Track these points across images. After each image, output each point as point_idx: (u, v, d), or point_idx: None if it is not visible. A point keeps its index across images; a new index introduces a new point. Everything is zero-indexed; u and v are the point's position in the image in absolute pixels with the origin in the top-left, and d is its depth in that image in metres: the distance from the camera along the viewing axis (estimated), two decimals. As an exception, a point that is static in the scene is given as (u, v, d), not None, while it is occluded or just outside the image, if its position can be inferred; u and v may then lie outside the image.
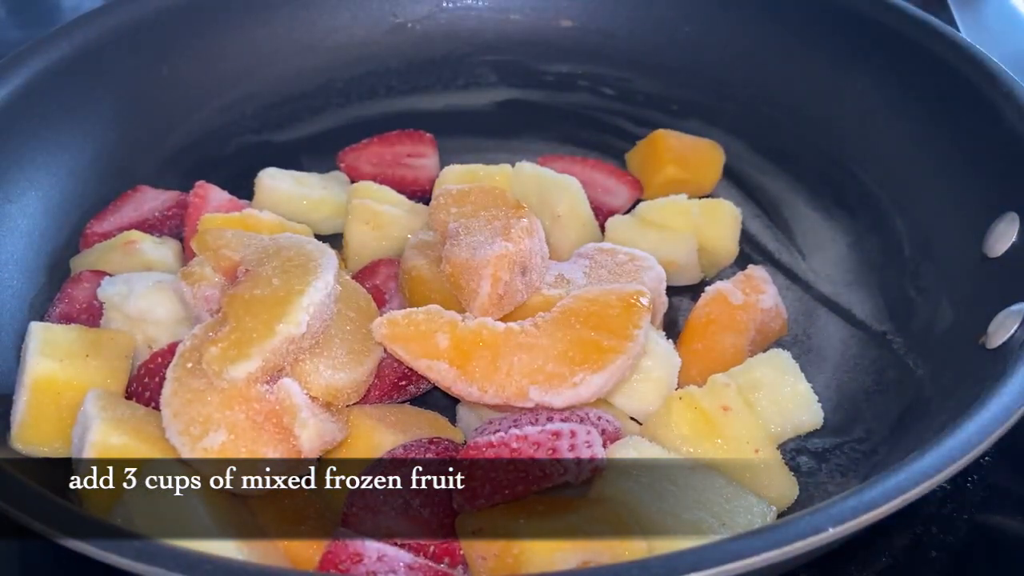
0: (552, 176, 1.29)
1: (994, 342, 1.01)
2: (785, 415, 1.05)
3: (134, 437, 0.94)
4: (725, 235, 1.29)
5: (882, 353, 1.18)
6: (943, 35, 1.31)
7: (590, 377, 0.96)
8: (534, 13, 1.60)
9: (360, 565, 0.85)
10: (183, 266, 1.23)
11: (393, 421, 1.04)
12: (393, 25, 1.59)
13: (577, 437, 0.90)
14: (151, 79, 1.44)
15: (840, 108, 1.40)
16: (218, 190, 1.32)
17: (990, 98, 1.20)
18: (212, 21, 1.50)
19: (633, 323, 1.00)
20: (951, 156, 1.24)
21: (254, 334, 0.93)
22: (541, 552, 0.86)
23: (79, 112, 1.36)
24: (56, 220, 1.29)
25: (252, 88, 1.52)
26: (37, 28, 1.73)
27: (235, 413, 0.92)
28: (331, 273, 1.00)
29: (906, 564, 1.00)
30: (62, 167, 1.33)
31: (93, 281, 1.17)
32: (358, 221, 1.28)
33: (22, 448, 1.01)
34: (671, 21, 1.54)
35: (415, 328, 1.00)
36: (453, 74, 1.59)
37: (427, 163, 1.44)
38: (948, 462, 0.80)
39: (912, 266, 1.23)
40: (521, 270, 1.05)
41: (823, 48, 1.43)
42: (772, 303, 1.17)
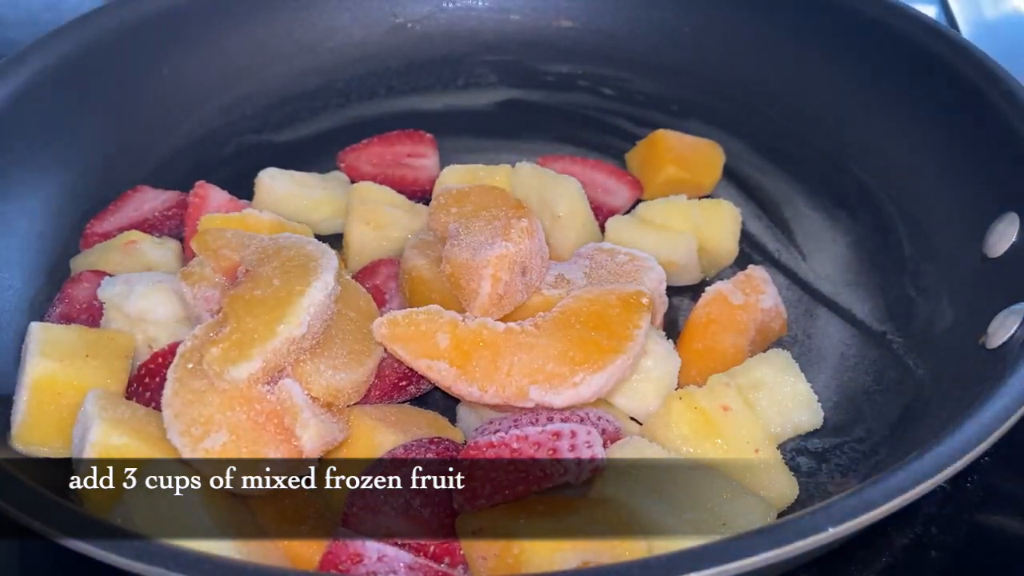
0: (552, 176, 1.29)
1: (994, 342, 1.02)
2: (785, 415, 1.05)
3: (134, 437, 0.94)
4: (725, 235, 1.29)
5: (882, 353, 1.18)
6: (943, 35, 1.31)
7: (590, 377, 0.96)
8: (534, 13, 1.60)
9: (360, 565, 0.85)
10: (183, 266, 1.23)
11: (393, 421, 1.04)
12: (393, 25, 1.59)
13: (577, 437, 0.90)
14: (151, 79, 1.44)
15: (840, 108, 1.40)
16: (218, 190, 1.32)
17: (990, 98, 1.20)
18: (212, 21, 1.50)
19: (633, 323, 1.00)
20: (951, 156, 1.24)
21: (255, 335, 0.93)
22: (541, 552, 0.86)
23: (79, 112, 1.36)
24: (56, 220, 1.29)
25: (252, 88, 1.52)
26: (37, 28, 1.73)
27: (236, 414, 0.92)
28: (331, 273, 1.00)
29: (906, 564, 1.00)
30: (62, 167, 1.33)
31: (93, 281, 1.17)
32: (358, 221, 1.28)
33: (22, 448, 1.01)
34: (671, 21, 1.54)
35: (415, 328, 1.00)
36: (453, 74, 1.59)
37: (427, 163, 1.44)
38: (948, 462, 0.80)
39: (912, 266, 1.24)
40: (521, 270, 1.05)
41: (823, 48, 1.43)
42: (772, 303, 1.17)
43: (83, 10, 1.41)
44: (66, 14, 1.61)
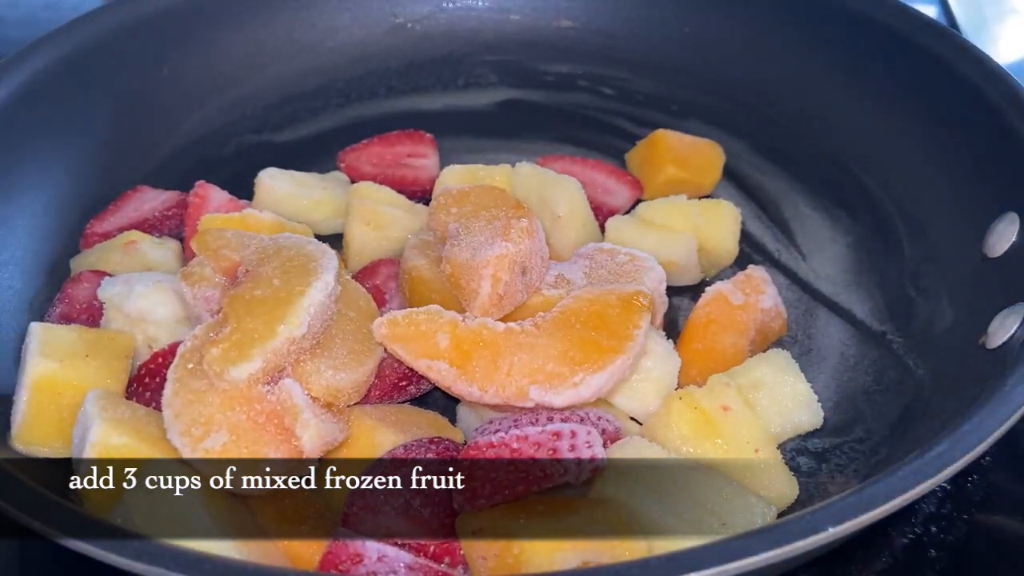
0: (552, 176, 1.29)
1: (994, 342, 1.02)
2: (785, 415, 1.05)
3: (134, 437, 0.94)
4: (725, 235, 1.29)
5: (882, 353, 1.18)
6: (943, 34, 1.31)
7: (590, 377, 0.96)
8: (534, 13, 1.60)
9: (360, 565, 0.85)
10: (183, 266, 1.23)
11: (393, 421, 1.04)
12: (393, 25, 1.59)
13: (577, 437, 0.90)
14: (151, 79, 1.44)
15: (840, 108, 1.41)
16: (218, 190, 1.32)
17: (990, 98, 1.20)
18: (212, 22, 1.50)
19: (633, 323, 1.00)
20: (951, 156, 1.24)
21: (255, 335, 0.93)
22: (541, 552, 0.86)
23: (79, 112, 1.36)
24: (56, 220, 1.29)
25: (252, 88, 1.52)
26: (36, 27, 1.73)
27: (236, 414, 0.92)
28: (332, 273, 1.00)
29: (906, 564, 1.00)
30: (62, 167, 1.33)
31: (93, 281, 1.17)
32: (359, 221, 1.28)
33: (22, 448, 1.01)
34: (671, 21, 1.54)
35: (415, 328, 1.00)
36: (453, 74, 1.59)
37: (427, 163, 1.44)
38: (948, 462, 0.80)
39: (912, 266, 1.23)
40: (521, 270, 1.05)
41: (823, 48, 1.43)
42: (772, 303, 1.17)
43: (82, 9, 1.42)
44: (66, 13, 1.61)
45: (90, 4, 1.49)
